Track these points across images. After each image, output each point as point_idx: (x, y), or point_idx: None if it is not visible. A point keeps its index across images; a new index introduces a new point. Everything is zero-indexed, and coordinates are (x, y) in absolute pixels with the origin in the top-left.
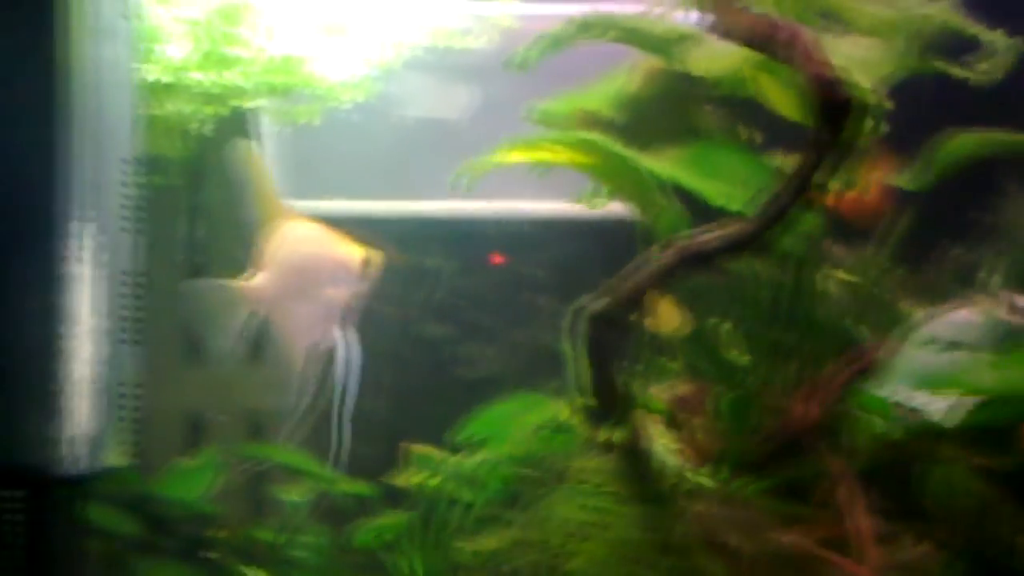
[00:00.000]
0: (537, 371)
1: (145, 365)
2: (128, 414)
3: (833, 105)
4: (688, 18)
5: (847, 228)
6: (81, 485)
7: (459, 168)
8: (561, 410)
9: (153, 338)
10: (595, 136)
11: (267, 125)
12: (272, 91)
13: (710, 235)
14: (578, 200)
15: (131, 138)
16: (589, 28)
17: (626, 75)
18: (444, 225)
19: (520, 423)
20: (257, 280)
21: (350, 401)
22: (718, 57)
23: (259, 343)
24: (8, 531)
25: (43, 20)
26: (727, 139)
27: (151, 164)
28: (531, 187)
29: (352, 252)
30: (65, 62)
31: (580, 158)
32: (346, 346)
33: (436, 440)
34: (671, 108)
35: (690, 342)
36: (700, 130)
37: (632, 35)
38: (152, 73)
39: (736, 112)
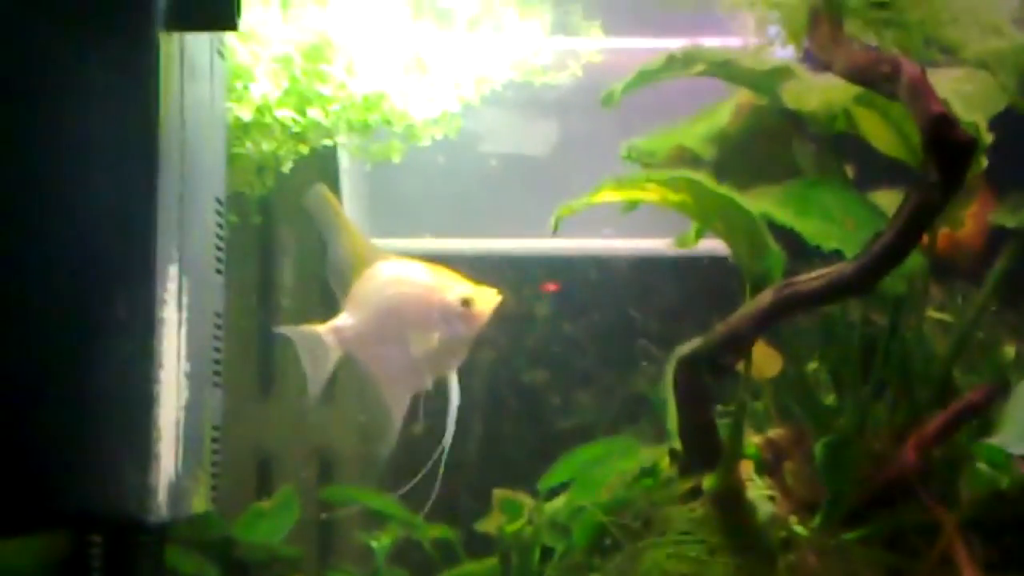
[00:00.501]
0: (635, 417)
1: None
2: (211, 458)
3: (949, 145)
4: (782, 51)
5: (943, 266)
6: (166, 530)
7: (549, 207)
8: (652, 456)
9: (228, 378)
10: (689, 173)
11: (347, 163)
12: (352, 128)
13: (812, 278)
14: (677, 241)
15: (223, 177)
16: (678, 62)
17: (718, 111)
18: (531, 263)
19: (610, 469)
20: (345, 321)
21: (445, 448)
22: (814, 91)
23: (333, 383)
24: (90, 567)
25: (143, 58)
26: (824, 176)
27: (229, 202)
28: (625, 225)
29: (454, 292)
30: (164, 100)
31: (674, 196)
32: (453, 391)
33: (528, 486)
34: (765, 144)
35: (783, 385)
36: (795, 167)
37: (723, 69)
38: (232, 111)
39: (832, 148)
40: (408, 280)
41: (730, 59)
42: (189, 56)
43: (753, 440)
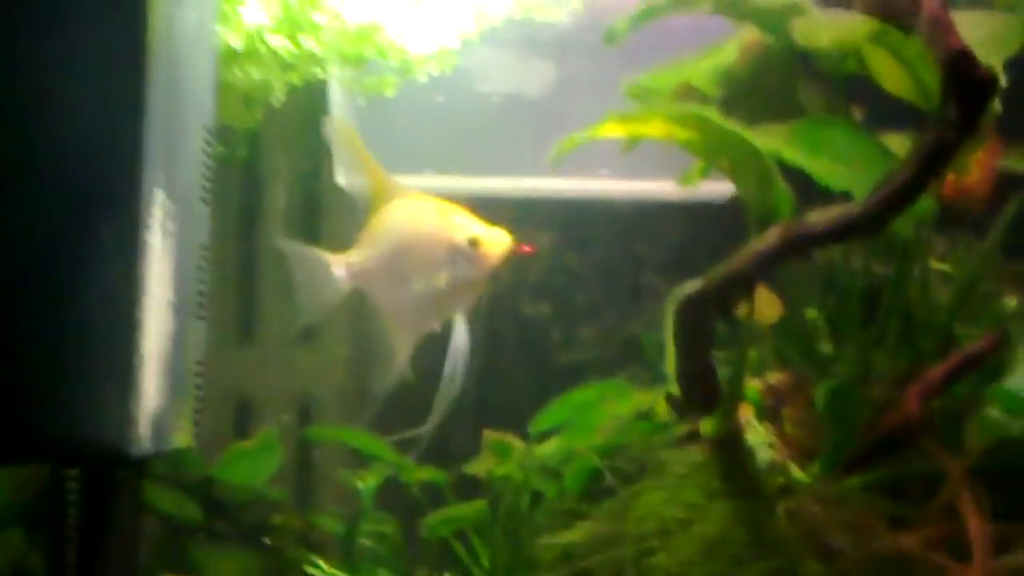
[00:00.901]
0: (630, 359)
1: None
2: (194, 393)
3: (969, 83)
4: None
5: (947, 214)
6: (145, 465)
7: (547, 147)
8: (647, 399)
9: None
10: (698, 108)
11: (338, 97)
12: (345, 61)
13: (820, 218)
14: (680, 179)
15: (212, 105)
16: None
17: (724, 49)
18: (527, 203)
19: (603, 412)
20: (357, 256)
21: (451, 393)
22: (825, 28)
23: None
24: (66, 510)
25: None
26: (832, 116)
27: (216, 134)
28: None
29: (463, 232)
30: (150, 23)
31: (681, 132)
32: (458, 335)
33: (519, 426)
34: (771, 85)
35: (782, 331)
36: (802, 107)
37: (731, 6)
38: (222, 36)
39: (841, 90)
40: (418, 218)
41: None
42: None
43: (753, 384)
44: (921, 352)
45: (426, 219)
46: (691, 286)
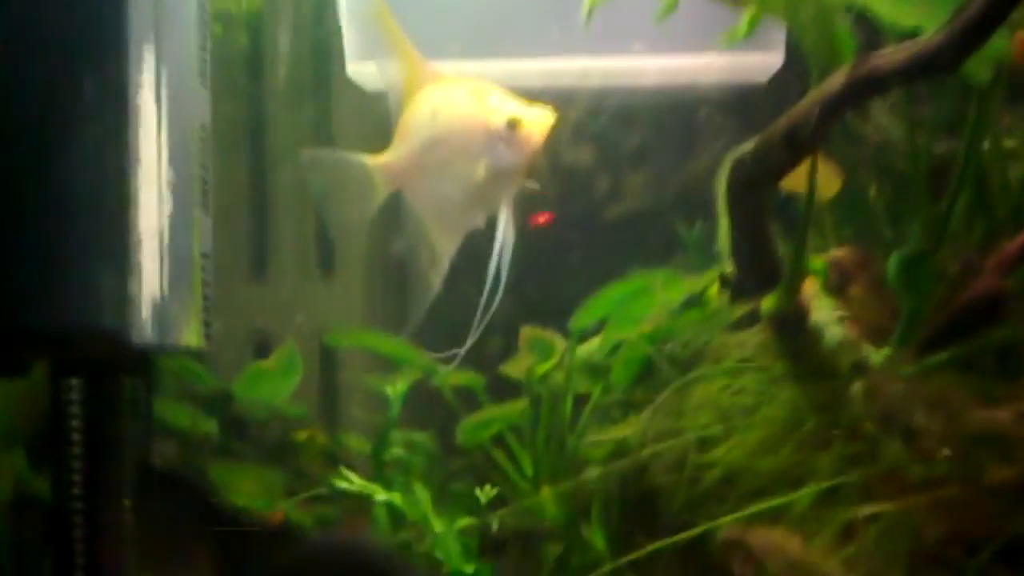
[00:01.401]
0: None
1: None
2: (202, 290)
3: None
4: None
5: (1014, 84)
6: (151, 370)
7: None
8: (698, 284)
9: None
10: None
11: None
12: None
13: (889, 55)
14: (726, 37)
15: None
16: None
17: None
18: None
19: (650, 301)
20: (393, 154)
21: (497, 292)
22: None
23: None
24: (69, 427)
25: None
26: None
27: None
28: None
29: (500, 114)
30: None
31: None
32: (502, 229)
33: (560, 321)
34: None
35: (841, 207)
36: None
37: None
38: None
39: None
40: (452, 104)
41: None
42: None
43: (817, 261)
44: (996, 223)
45: (460, 104)
46: (746, 147)
